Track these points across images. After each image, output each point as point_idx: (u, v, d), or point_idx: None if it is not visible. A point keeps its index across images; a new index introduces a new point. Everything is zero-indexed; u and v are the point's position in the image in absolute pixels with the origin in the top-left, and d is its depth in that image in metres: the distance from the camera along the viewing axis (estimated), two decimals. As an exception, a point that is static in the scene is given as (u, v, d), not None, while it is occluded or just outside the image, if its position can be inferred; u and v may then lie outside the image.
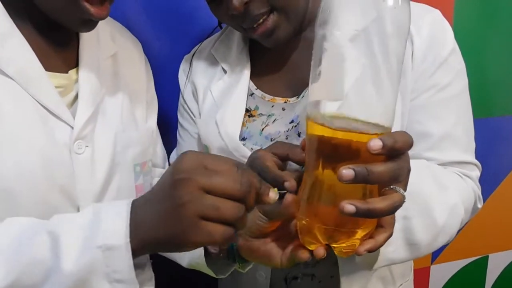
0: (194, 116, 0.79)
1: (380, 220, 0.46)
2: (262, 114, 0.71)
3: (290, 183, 0.50)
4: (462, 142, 0.65)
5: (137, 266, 0.45)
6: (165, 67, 0.93)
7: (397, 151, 0.41)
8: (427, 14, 0.64)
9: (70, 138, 0.59)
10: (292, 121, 0.68)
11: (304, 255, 0.46)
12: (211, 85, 0.76)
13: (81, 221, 0.46)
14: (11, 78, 0.55)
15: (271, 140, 0.69)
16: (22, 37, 0.57)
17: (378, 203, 0.41)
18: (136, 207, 0.45)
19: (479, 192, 0.67)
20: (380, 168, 0.41)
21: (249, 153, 0.66)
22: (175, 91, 0.85)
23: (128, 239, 0.43)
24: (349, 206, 0.40)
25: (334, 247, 0.45)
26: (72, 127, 0.59)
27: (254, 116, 0.71)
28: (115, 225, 0.44)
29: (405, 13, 0.41)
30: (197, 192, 0.40)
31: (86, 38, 0.65)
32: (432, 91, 0.64)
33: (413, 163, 0.57)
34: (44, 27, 0.60)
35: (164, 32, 0.97)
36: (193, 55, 0.81)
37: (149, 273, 0.49)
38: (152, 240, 0.43)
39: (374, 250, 0.45)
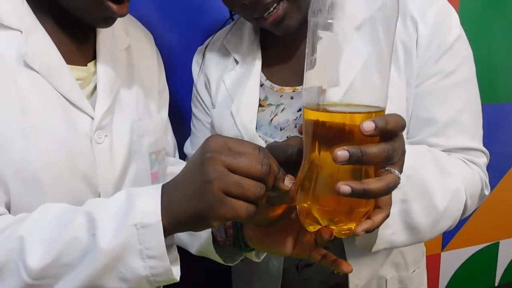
0: (207, 107, 0.81)
1: (377, 201, 0.47)
2: (271, 104, 0.72)
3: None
4: (468, 129, 0.65)
5: (166, 246, 0.48)
6: (178, 59, 0.95)
7: (389, 132, 0.42)
8: (434, 3, 0.65)
9: (91, 129, 0.61)
10: (300, 109, 0.70)
11: (326, 235, 0.47)
12: (224, 75, 0.77)
13: (115, 203, 0.49)
14: (36, 71, 0.57)
15: (280, 130, 0.70)
16: (45, 32, 0.59)
17: (373, 184, 0.42)
18: (167, 189, 0.48)
19: (486, 179, 0.66)
20: (373, 149, 0.42)
21: (263, 144, 0.68)
22: (188, 82, 0.87)
23: (160, 218, 0.46)
24: (345, 187, 0.41)
25: (333, 228, 0.46)
26: (93, 118, 0.61)
27: (263, 106, 0.73)
28: (148, 205, 0.47)
29: (393, 2, 0.42)
30: (222, 170, 0.43)
31: (103, 32, 0.68)
32: (437, 77, 0.64)
33: (415, 148, 0.59)
34: (65, 22, 0.62)
35: (176, 24, 0.98)
36: (206, 47, 0.83)
37: (175, 254, 0.52)
38: (181, 217, 0.46)
39: (372, 230, 0.46)
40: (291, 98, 0.71)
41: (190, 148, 0.86)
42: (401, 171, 0.46)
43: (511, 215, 1.50)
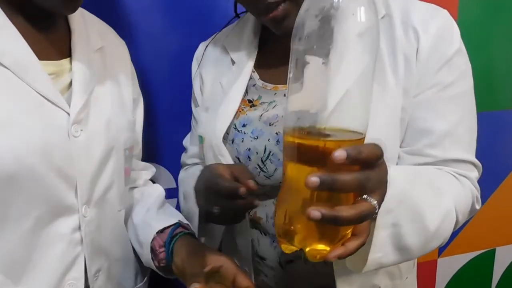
0: (199, 106, 0.83)
1: (354, 228, 0.47)
2: (264, 102, 0.73)
3: (243, 189, 0.56)
4: (463, 141, 0.66)
5: None
6: (179, 57, 0.98)
7: (362, 162, 0.42)
8: (437, 15, 0.65)
9: (68, 123, 0.62)
10: None
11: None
12: (221, 76, 0.78)
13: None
14: (7, 68, 0.58)
15: (270, 125, 0.70)
16: (15, 28, 0.60)
17: (345, 211, 0.42)
18: None
19: (477, 193, 0.67)
20: (345, 177, 0.41)
21: (227, 154, 0.70)
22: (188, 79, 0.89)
23: None
24: (315, 213, 0.41)
25: (306, 251, 0.46)
26: (68, 113, 0.62)
27: (256, 105, 0.73)
28: None
29: (375, 32, 0.42)
30: None
31: (77, 31, 0.69)
32: (436, 88, 0.64)
33: (409, 169, 0.59)
34: (35, 17, 0.63)
35: (177, 24, 0.99)
36: (207, 45, 0.84)
37: None
38: None
39: (344, 257, 0.46)
40: (284, 95, 0.71)
41: (188, 142, 0.90)
42: (380, 200, 0.46)
43: (508, 222, 1.50)
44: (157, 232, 0.74)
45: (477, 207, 0.67)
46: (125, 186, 0.75)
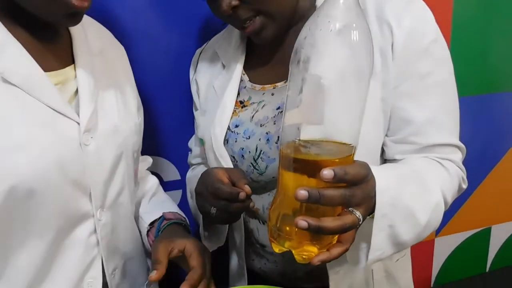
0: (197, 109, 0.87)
1: (339, 235, 0.51)
2: (254, 102, 0.76)
3: (243, 194, 0.62)
4: (445, 126, 0.68)
5: None
6: (177, 61, 1.00)
7: (347, 181, 0.46)
8: (409, 8, 0.66)
9: (79, 132, 0.62)
10: (278, 107, 0.73)
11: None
12: (214, 80, 0.82)
13: None
14: (15, 86, 0.58)
15: (260, 126, 0.73)
16: (19, 43, 0.59)
17: (329, 222, 0.46)
18: None
19: (463, 174, 0.70)
20: (332, 192, 0.45)
21: (227, 156, 0.74)
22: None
23: None
24: (302, 222, 0.45)
25: (294, 253, 0.50)
26: (78, 122, 0.62)
27: (246, 106, 0.77)
28: None
29: (367, 57, 0.46)
30: None
31: (77, 37, 0.69)
32: (414, 78, 0.66)
33: (396, 172, 0.62)
34: (37, 30, 0.62)
35: (175, 28, 1.00)
36: (201, 52, 0.88)
37: None
38: None
39: (328, 261, 0.51)
40: (272, 94, 0.75)
41: (193, 144, 0.94)
42: (365, 212, 0.50)
43: (503, 201, 1.54)
44: (149, 225, 0.79)
45: (464, 186, 0.71)
46: (135, 187, 0.78)
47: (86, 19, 0.74)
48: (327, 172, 0.44)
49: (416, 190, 0.61)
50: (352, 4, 0.45)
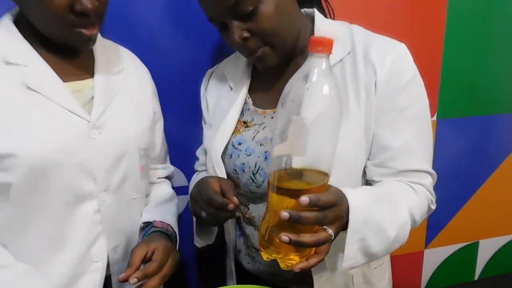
0: (206, 124, 0.97)
1: (316, 248, 0.61)
2: (256, 124, 0.86)
3: (231, 206, 0.73)
4: (418, 154, 0.78)
5: None
6: (191, 77, 1.10)
7: (320, 206, 0.57)
8: (391, 51, 0.76)
9: (88, 128, 0.77)
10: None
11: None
12: (221, 100, 0.92)
13: None
14: (37, 92, 0.74)
15: (260, 145, 0.83)
16: (42, 59, 0.76)
17: (307, 238, 0.57)
18: None
19: (431, 197, 0.80)
20: (307, 214, 0.56)
21: (223, 167, 0.84)
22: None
23: None
24: (284, 237, 0.56)
25: (279, 261, 0.61)
26: (88, 121, 0.78)
27: (249, 126, 0.86)
28: None
29: (337, 106, 0.57)
30: None
31: (99, 56, 0.84)
32: (393, 112, 0.76)
33: (370, 194, 0.72)
34: (58, 48, 0.78)
35: (189, 46, 1.11)
36: (211, 73, 0.98)
37: None
38: None
39: (306, 269, 0.61)
40: (272, 118, 0.84)
41: (200, 153, 1.04)
42: (337, 230, 0.61)
43: (491, 216, 1.60)
44: (143, 223, 0.90)
45: (433, 207, 0.81)
46: (141, 179, 0.89)
47: (111, 44, 0.88)
48: (304, 199, 0.55)
49: (387, 209, 0.70)
50: (324, 68, 0.56)
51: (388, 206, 0.71)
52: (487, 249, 1.64)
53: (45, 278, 0.74)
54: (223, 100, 0.91)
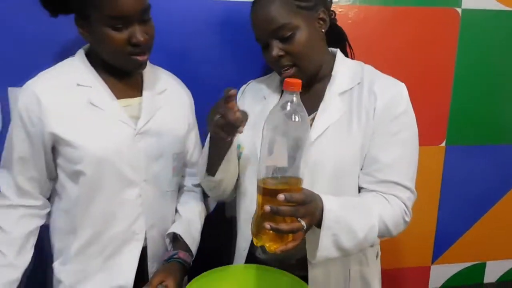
0: None
1: (293, 235, 0.76)
2: None
3: (241, 129, 0.86)
4: (401, 170, 0.94)
5: None
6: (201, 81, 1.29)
7: (293, 202, 0.72)
8: (392, 86, 0.96)
9: (134, 134, 1.00)
10: None
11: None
12: (255, 106, 1.07)
13: None
14: (98, 107, 0.98)
15: None
16: (103, 81, 1.00)
17: (283, 226, 0.73)
18: None
19: (406, 209, 0.94)
20: (284, 208, 0.72)
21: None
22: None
23: None
24: (266, 225, 0.72)
25: (266, 246, 0.77)
26: (134, 128, 1.00)
27: None
28: None
29: (304, 131, 0.74)
30: None
31: (147, 79, 1.07)
32: (386, 135, 0.94)
33: (347, 200, 0.89)
34: (116, 71, 1.01)
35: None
36: (247, 86, 1.16)
37: None
38: None
39: (285, 251, 0.75)
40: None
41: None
42: (309, 223, 0.76)
43: (499, 239, 1.66)
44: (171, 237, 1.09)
45: (407, 219, 0.95)
46: (172, 177, 1.10)
47: (158, 69, 1.12)
48: (281, 196, 0.72)
49: (358, 213, 0.87)
50: (295, 101, 0.73)
51: (359, 211, 0.88)
52: (494, 271, 1.70)
53: (102, 242, 1.00)
54: (257, 107, 1.07)
